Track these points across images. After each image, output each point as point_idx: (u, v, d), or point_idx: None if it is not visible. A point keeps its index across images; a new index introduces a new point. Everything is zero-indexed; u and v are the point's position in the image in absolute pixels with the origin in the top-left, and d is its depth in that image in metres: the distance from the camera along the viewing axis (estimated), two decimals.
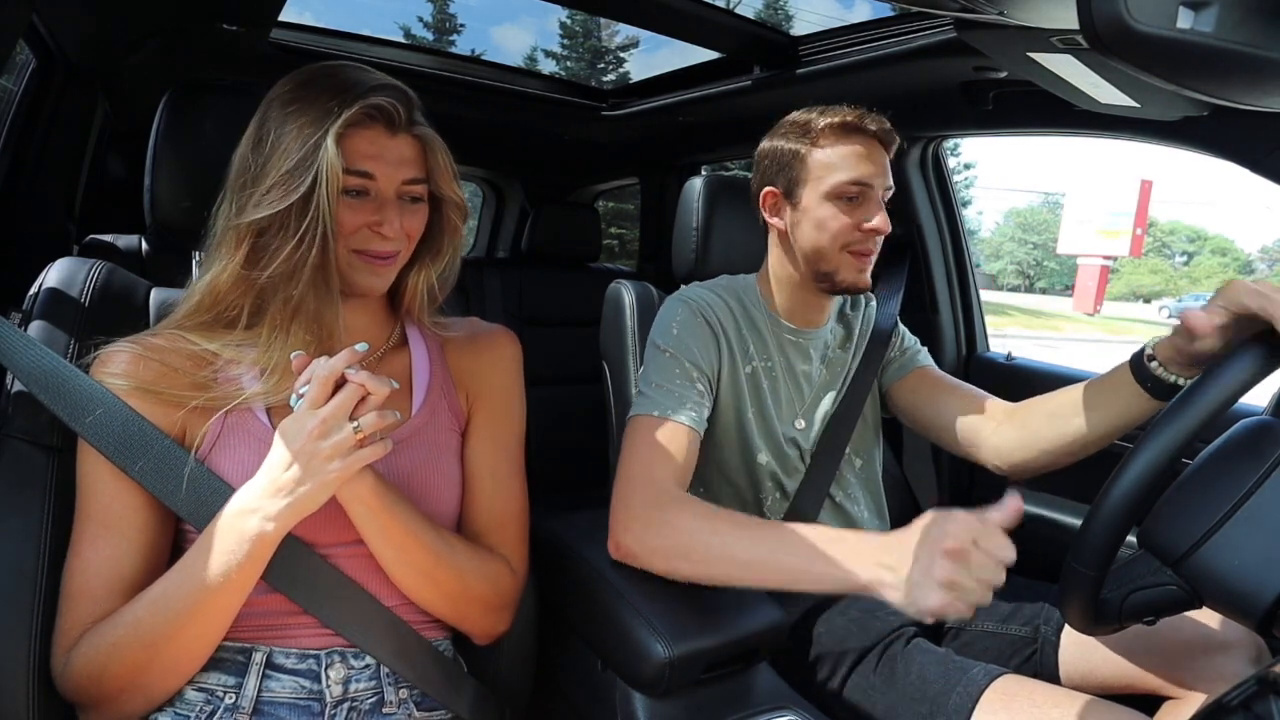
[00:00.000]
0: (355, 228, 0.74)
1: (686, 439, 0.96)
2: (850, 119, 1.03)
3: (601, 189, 2.94)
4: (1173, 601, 0.64)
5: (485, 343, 0.91)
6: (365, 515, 0.71)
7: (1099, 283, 22.58)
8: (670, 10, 1.31)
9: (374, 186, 0.74)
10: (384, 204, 0.75)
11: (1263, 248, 56.85)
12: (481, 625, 0.83)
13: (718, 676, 0.83)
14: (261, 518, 0.65)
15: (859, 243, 1.04)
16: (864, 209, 1.04)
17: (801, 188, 1.06)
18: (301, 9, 21.33)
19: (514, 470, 0.89)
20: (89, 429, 0.69)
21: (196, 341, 0.75)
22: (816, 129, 1.04)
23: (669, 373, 1.01)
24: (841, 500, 1.15)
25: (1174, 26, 0.51)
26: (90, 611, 0.68)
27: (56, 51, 1.42)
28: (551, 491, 2.05)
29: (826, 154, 1.04)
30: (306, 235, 0.69)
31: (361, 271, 0.76)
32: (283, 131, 0.70)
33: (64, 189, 1.58)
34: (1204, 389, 0.64)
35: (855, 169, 1.02)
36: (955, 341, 1.66)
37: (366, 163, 0.72)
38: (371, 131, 0.73)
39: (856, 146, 1.03)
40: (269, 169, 0.70)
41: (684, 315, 1.06)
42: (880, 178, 1.04)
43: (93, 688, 0.67)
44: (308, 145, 0.69)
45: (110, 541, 0.69)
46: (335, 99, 0.70)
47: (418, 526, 0.74)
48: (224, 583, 0.64)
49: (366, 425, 0.65)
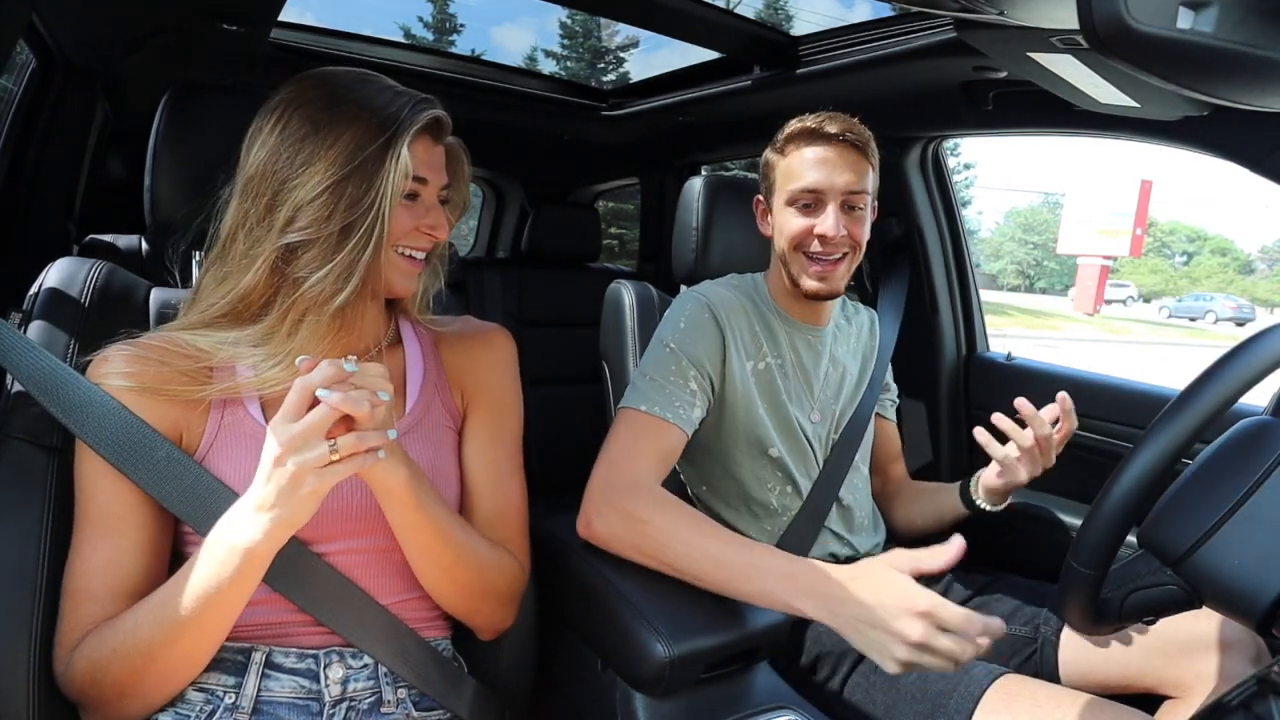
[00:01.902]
0: (408, 230, 0.77)
1: (670, 437, 0.99)
2: (810, 124, 1.06)
3: (601, 189, 2.94)
4: (1173, 601, 0.64)
5: (480, 340, 0.91)
6: (396, 509, 0.71)
7: (1099, 282, 22.58)
8: (670, 10, 1.31)
9: (424, 191, 0.78)
10: (431, 207, 0.78)
11: (1263, 248, 56.82)
12: (490, 620, 0.84)
13: (718, 676, 0.83)
14: (250, 532, 0.62)
15: (811, 247, 1.07)
16: (817, 214, 1.06)
17: (772, 196, 1.12)
18: (301, 9, 21.36)
19: (514, 466, 0.89)
20: (88, 431, 0.68)
21: (192, 340, 0.74)
22: (782, 138, 1.09)
23: (664, 368, 1.02)
24: (850, 503, 1.16)
25: (1174, 26, 0.51)
26: (90, 612, 0.68)
27: (56, 51, 1.42)
28: (551, 491, 2.05)
29: (788, 161, 1.08)
30: (362, 239, 0.70)
31: (404, 274, 0.79)
32: (328, 139, 0.70)
33: (64, 189, 1.58)
34: (1205, 388, 0.64)
35: (806, 176, 1.05)
36: (955, 341, 1.66)
37: (423, 169, 0.76)
38: (425, 141, 0.77)
39: (817, 151, 1.06)
40: (309, 176, 0.70)
41: (693, 311, 1.07)
42: (837, 184, 1.05)
43: (93, 690, 0.67)
44: (368, 152, 0.70)
45: (109, 543, 0.69)
46: (394, 108, 0.72)
47: (447, 523, 0.75)
48: (217, 596, 0.63)
49: (343, 447, 0.61)
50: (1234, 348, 0.67)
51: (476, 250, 3.10)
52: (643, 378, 1.03)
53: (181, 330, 0.76)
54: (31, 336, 0.76)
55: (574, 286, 2.36)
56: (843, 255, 1.07)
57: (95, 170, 1.70)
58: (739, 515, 1.13)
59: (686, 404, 1.01)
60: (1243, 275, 49.87)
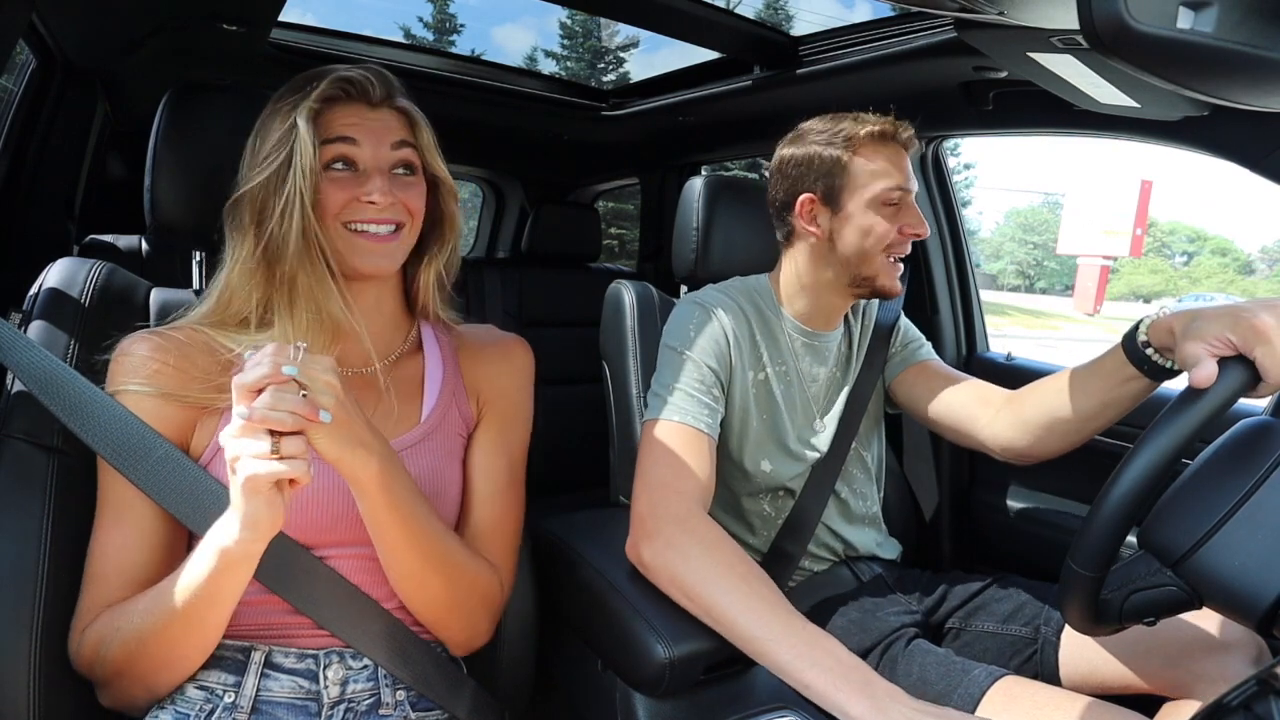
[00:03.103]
0: (343, 202, 0.75)
1: (707, 446, 0.96)
2: (888, 128, 1.06)
3: (601, 189, 2.94)
4: (1173, 602, 0.64)
5: (500, 350, 0.91)
6: (366, 504, 0.69)
7: (1099, 283, 22.58)
8: (670, 10, 1.31)
9: (358, 155, 0.76)
10: (370, 176, 0.75)
11: (1263, 248, 56.81)
12: (456, 635, 0.81)
13: (718, 677, 0.83)
14: (224, 535, 0.61)
15: (899, 247, 1.07)
16: (904, 214, 1.06)
17: (844, 194, 1.06)
18: (302, 9, 21.35)
19: (513, 479, 0.88)
20: (88, 430, 0.69)
21: (216, 339, 0.75)
22: (859, 136, 1.05)
23: (687, 376, 1.01)
24: (846, 496, 1.16)
25: (1174, 26, 0.51)
26: (102, 594, 0.70)
27: (56, 51, 1.42)
28: (551, 491, 2.06)
29: (866, 161, 1.06)
30: (286, 208, 0.71)
31: (361, 251, 0.76)
32: (268, 123, 0.75)
33: (64, 189, 1.58)
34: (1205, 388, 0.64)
35: (897, 176, 1.05)
36: (955, 342, 1.66)
37: (348, 129, 0.75)
38: (351, 106, 0.76)
39: (892, 153, 1.06)
40: (255, 154, 0.74)
41: (700, 318, 1.07)
42: (911, 184, 1.07)
43: (96, 667, 0.68)
44: (285, 125, 0.72)
45: (122, 530, 0.71)
46: (310, 81, 0.74)
47: (420, 528, 0.72)
48: (202, 592, 0.63)
49: (286, 448, 0.57)
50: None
51: (476, 250, 3.10)
52: (665, 388, 1.00)
53: (210, 326, 0.76)
54: (32, 336, 0.76)
55: (574, 286, 2.36)
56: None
57: (95, 170, 1.70)
58: (729, 519, 1.13)
59: (713, 411, 1.00)
60: (1243, 275, 49.89)
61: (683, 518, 0.87)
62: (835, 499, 1.14)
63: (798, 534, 1.09)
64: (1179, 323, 0.75)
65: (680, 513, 0.88)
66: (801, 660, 0.74)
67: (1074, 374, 0.95)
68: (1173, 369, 0.83)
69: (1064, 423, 0.96)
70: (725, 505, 1.13)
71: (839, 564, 1.15)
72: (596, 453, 1.45)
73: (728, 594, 0.79)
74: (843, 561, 1.15)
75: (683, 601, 0.83)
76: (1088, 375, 0.93)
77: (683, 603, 0.83)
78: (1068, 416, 0.95)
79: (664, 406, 0.98)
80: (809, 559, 1.13)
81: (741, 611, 0.78)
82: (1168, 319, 0.79)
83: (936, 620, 1.10)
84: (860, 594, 1.09)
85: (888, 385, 1.22)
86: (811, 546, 1.12)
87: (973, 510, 1.54)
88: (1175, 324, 0.76)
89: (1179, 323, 0.75)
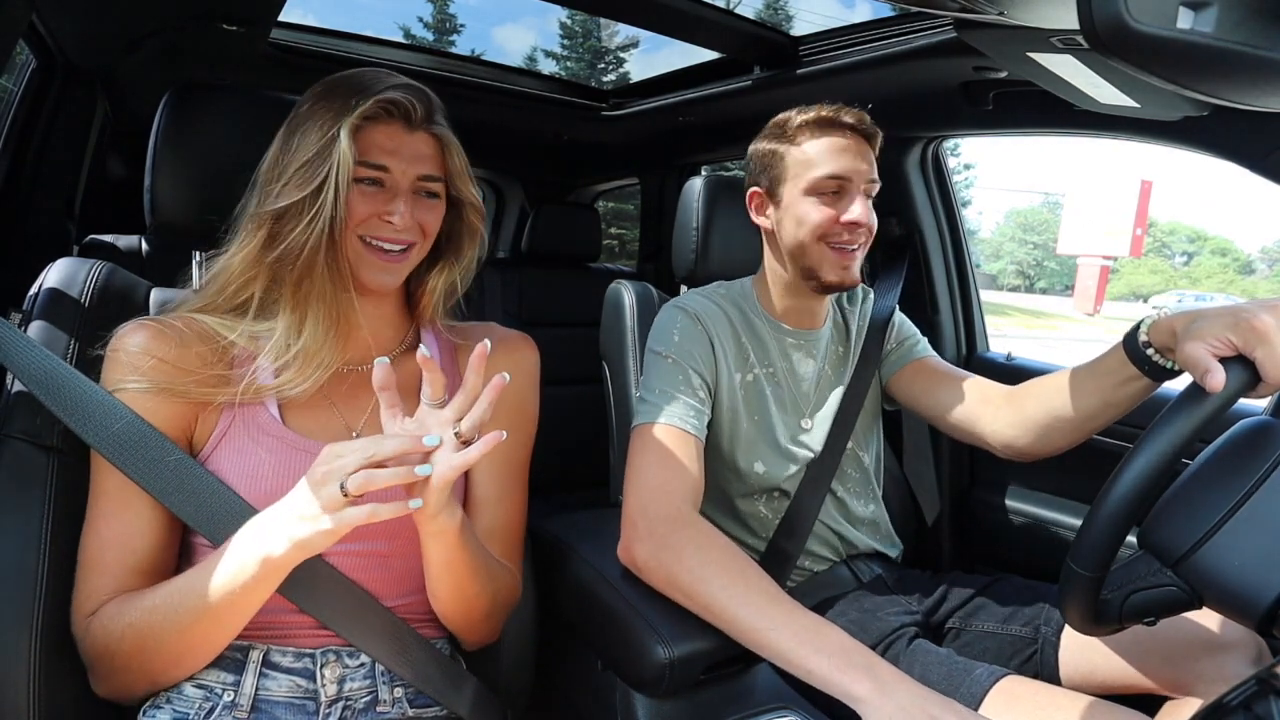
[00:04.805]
0: (365, 216, 0.76)
1: (694, 447, 0.97)
2: (826, 114, 1.04)
3: (601, 189, 2.94)
4: (1173, 602, 0.64)
5: (503, 348, 0.90)
6: (441, 549, 0.70)
7: (1099, 283, 22.59)
8: (670, 10, 1.31)
9: (388, 179, 0.76)
10: (396, 195, 0.76)
11: (1263, 248, 56.81)
12: (481, 634, 0.84)
13: (718, 677, 0.83)
14: (272, 544, 0.62)
15: (837, 236, 1.05)
16: (843, 202, 1.04)
17: (782, 185, 1.08)
18: (302, 9, 21.36)
19: (519, 481, 0.88)
20: (89, 430, 0.69)
21: (213, 328, 0.76)
22: (793, 126, 1.06)
23: (673, 380, 1.01)
24: (843, 495, 1.15)
25: (1174, 26, 0.51)
26: (101, 583, 0.69)
27: (56, 51, 1.42)
28: (551, 491, 2.06)
29: (804, 150, 1.05)
30: (317, 219, 0.71)
31: (371, 267, 0.77)
32: (305, 129, 0.74)
33: (64, 189, 1.58)
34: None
35: (831, 163, 1.03)
36: (955, 342, 1.66)
37: (382, 156, 0.75)
38: (389, 127, 0.75)
39: (835, 140, 1.04)
40: (290, 163, 0.73)
41: (684, 322, 1.06)
42: (860, 171, 1.04)
43: (106, 659, 0.68)
44: (325, 138, 0.72)
45: (122, 519, 0.71)
46: (354, 95, 0.73)
47: (481, 560, 0.75)
48: (233, 594, 0.64)
49: (353, 486, 0.59)
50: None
51: None
52: (652, 392, 1.01)
53: (208, 315, 0.77)
54: (32, 336, 0.76)
55: (574, 286, 2.36)
56: (860, 244, 1.06)
57: (95, 170, 1.70)
58: (726, 522, 1.13)
59: (699, 413, 1.00)
60: (1243, 275, 49.90)
61: (674, 517, 0.87)
62: (833, 499, 1.14)
63: (795, 534, 1.09)
64: (1180, 323, 0.75)
65: (671, 512, 0.88)
66: (804, 646, 0.74)
67: (1075, 373, 0.94)
68: (1173, 369, 0.83)
69: (1064, 421, 0.95)
70: (722, 508, 1.12)
71: (839, 564, 1.15)
72: (596, 453, 1.45)
73: (725, 588, 0.80)
74: (842, 561, 1.15)
75: (680, 599, 0.83)
76: (1088, 375, 0.92)
77: (680, 600, 0.83)
78: (1068, 415, 0.94)
79: (650, 411, 0.99)
80: (808, 559, 1.13)
81: (740, 604, 0.78)
82: (1169, 320, 0.79)
83: (936, 620, 1.10)
84: (860, 594, 1.09)
85: (884, 382, 1.21)
86: (811, 546, 1.12)
87: (973, 510, 1.54)
88: (1176, 324, 0.76)
89: (1180, 323, 0.75)
